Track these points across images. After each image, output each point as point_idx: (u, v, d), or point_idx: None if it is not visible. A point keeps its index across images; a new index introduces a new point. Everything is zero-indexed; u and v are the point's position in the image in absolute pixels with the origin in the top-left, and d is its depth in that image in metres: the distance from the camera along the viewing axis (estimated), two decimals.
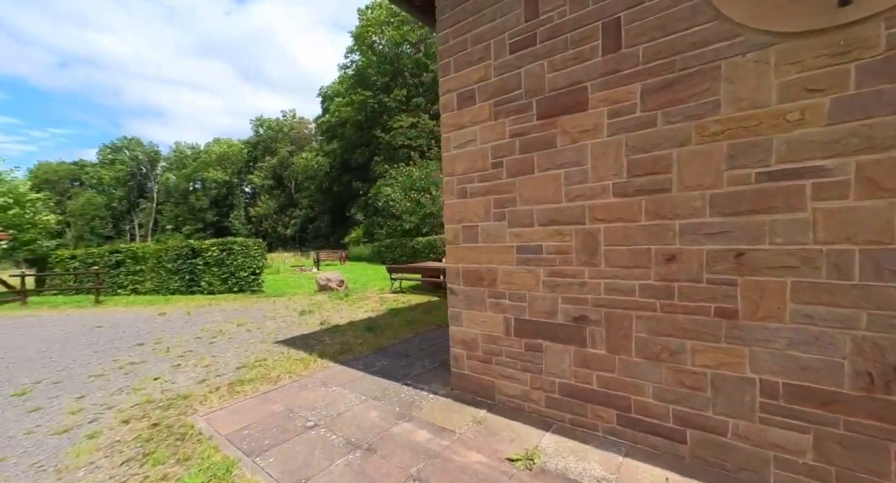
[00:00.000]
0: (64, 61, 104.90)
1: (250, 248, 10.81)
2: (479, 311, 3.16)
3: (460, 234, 3.26)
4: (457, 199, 3.27)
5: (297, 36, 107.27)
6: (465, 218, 3.21)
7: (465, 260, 3.24)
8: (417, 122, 28.08)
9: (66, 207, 56.21)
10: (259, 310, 8.26)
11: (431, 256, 19.51)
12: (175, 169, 60.65)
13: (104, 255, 11.92)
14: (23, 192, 12.88)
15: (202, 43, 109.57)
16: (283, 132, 55.49)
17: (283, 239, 52.57)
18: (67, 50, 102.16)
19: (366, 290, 10.42)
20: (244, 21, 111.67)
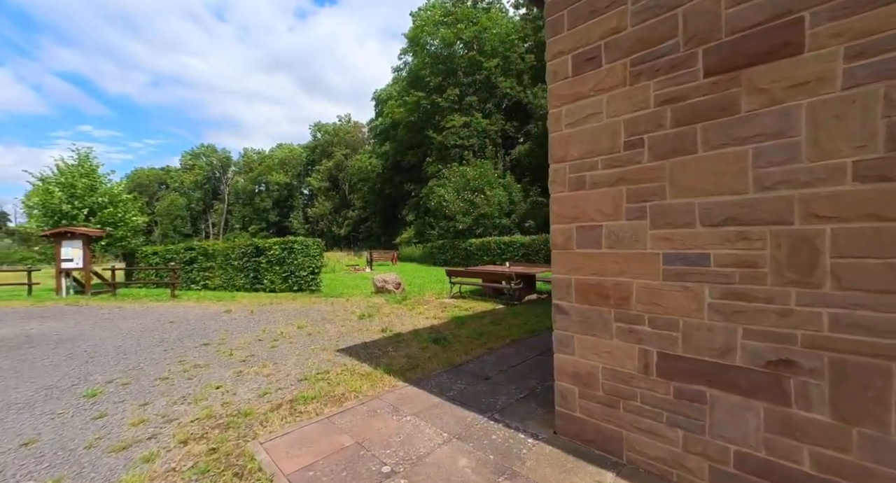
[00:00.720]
0: (157, 81, 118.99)
1: (310, 247, 10.82)
2: (601, 337, 2.41)
3: (573, 237, 2.54)
4: (569, 192, 2.55)
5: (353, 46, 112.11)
6: (582, 215, 2.48)
7: (580, 270, 2.51)
8: (470, 122, 27.50)
9: (154, 208, 63.08)
10: (318, 311, 8.07)
11: (485, 259, 18.78)
12: (243, 173, 65.56)
13: (180, 251, 12.63)
14: (116, 193, 14.09)
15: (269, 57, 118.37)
16: (338, 136, 57.71)
17: (336, 238, 54.61)
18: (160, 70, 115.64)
19: (423, 294, 9.96)
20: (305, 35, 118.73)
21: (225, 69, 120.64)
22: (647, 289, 2.19)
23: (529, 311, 7.28)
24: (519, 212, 20.84)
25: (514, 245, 17.67)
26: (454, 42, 28.68)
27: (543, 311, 7.15)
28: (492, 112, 28.31)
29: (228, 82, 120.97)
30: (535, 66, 28.40)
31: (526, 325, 6.18)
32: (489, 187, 20.76)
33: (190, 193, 63.06)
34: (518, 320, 6.48)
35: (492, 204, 20.27)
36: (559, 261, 2.64)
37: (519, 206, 20.90)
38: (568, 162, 2.55)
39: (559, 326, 2.65)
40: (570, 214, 2.54)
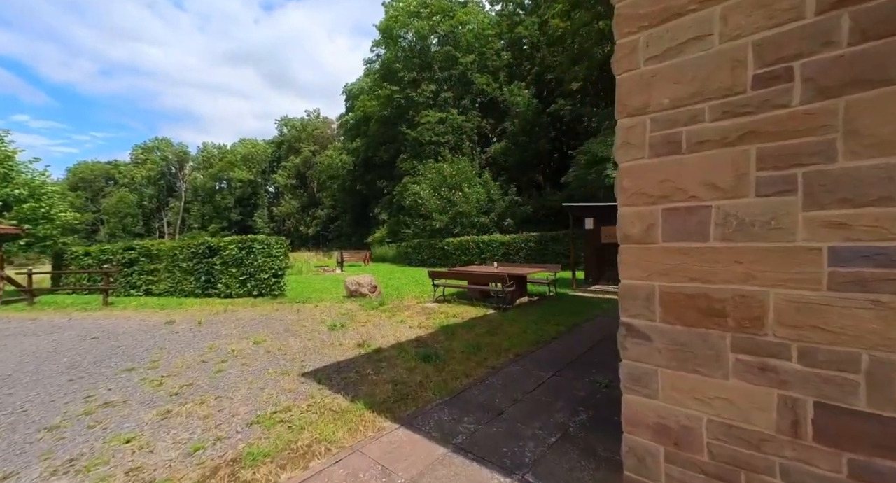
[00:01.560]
0: (107, 69, 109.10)
1: (272, 246, 9.57)
2: (708, 375, 1.60)
3: (658, 224, 1.71)
4: (651, 158, 1.72)
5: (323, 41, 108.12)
6: (676, 192, 1.66)
7: (670, 274, 1.68)
8: (446, 118, 26.65)
9: (100, 205, 57.87)
10: (281, 321, 6.92)
11: (464, 258, 18.00)
12: (202, 168, 61.52)
13: (118, 252, 10.94)
14: (38, 184, 12.12)
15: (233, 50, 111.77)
16: (306, 131, 55.27)
17: (304, 238, 52.25)
18: (111, 58, 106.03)
19: (402, 298, 8.99)
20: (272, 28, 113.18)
21: (184, 59, 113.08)
22: (799, 304, 1.40)
23: (524, 316, 6.50)
24: (497, 210, 20.23)
25: (493, 244, 17.01)
26: (429, 35, 27.76)
27: (540, 317, 6.39)
28: (468, 109, 27.60)
29: (188, 73, 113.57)
30: (510, 64, 28.03)
31: (525, 333, 5.38)
32: (467, 184, 20.01)
33: (142, 190, 58.37)
34: (515, 328, 5.67)
35: (470, 202, 19.53)
36: (632, 260, 1.81)
37: (497, 204, 20.28)
38: (650, 114, 1.72)
39: (632, 356, 1.82)
40: (654, 191, 1.72)
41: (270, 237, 9.77)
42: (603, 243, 9.36)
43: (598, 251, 9.43)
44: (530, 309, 7.20)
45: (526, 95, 24.62)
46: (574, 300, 7.94)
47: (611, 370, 3.80)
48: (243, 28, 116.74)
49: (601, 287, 9.18)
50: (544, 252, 15.31)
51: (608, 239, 9.25)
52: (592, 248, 9.54)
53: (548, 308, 7.19)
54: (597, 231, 9.43)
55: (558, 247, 14.87)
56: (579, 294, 8.78)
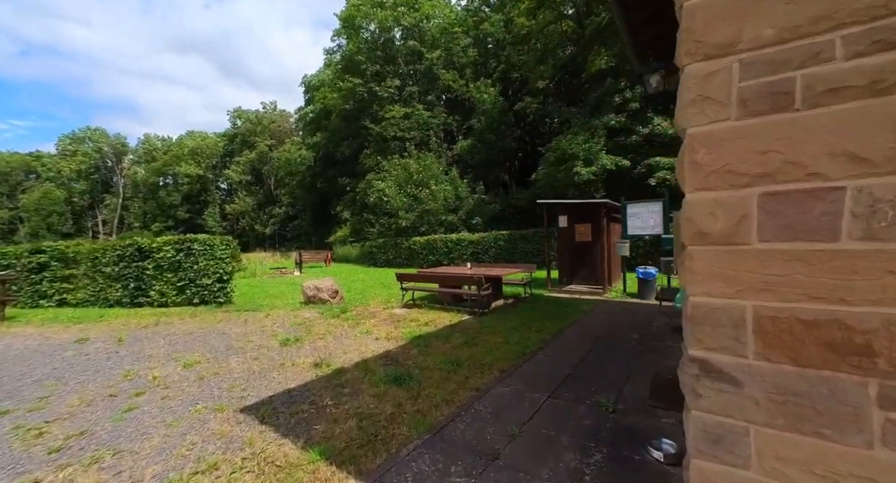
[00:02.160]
0: (27, 50, 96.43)
1: (215, 247, 8.41)
2: (840, 440, 1.07)
3: (753, 215, 1.16)
4: (742, 120, 1.17)
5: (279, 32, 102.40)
6: (782, 167, 1.12)
7: (774, 288, 1.14)
8: (411, 113, 25.86)
9: (19, 202, 51.33)
10: (223, 334, 5.94)
11: (431, 258, 17.37)
12: (144, 162, 56.39)
13: (22, 255, 9.25)
14: None
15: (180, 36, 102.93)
16: (262, 125, 52.15)
17: (261, 238, 49.35)
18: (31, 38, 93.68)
19: (367, 303, 8.20)
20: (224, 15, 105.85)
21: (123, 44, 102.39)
22: None
23: (503, 322, 5.98)
24: (465, 208, 19.76)
25: (462, 243, 16.52)
26: (392, 27, 26.82)
27: (520, 322, 5.89)
28: (433, 104, 26.95)
29: (128, 60, 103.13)
30: (476, 61, 27.71)
31: (507, 344, 4.84)
32: (434, 182, 19.37)
33: (71, 185, 52.49)
34: (496, 337, 5.12)
35: (437, 199, 18.91)
36: (709, 268, 1.26)
37: (465, 202, 19.81)
38: (741, 53, 1.17)
39: (710, 406, 1.27)
40: (747, 168, 1.17)
41: (214, 237, 8.59)
42: (577, 242, 9.08)
43: (572, 250, 9.15)
44: (508, 313, 6.69)
45: (492, 93, 24.35)
46: (551, 302, 7.54)
47: (612, 387, 3.32)
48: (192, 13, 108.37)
49: (575, 287, 8.90)
50: (513, 251, 15.02)
51: (582, 237, 8.99)
52: (566, 246, 9.25)
53: (526, 312, 6.72)
54: (570, 229, 9.14)
55: (528, 245, 14.62)
56: (555, 295, 8.43)
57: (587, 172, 12.53)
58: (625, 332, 5.18)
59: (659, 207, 7.67)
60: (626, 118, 13.01)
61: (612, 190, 13.74)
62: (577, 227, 9.02)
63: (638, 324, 5.63)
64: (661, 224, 7.67)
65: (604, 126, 13.01)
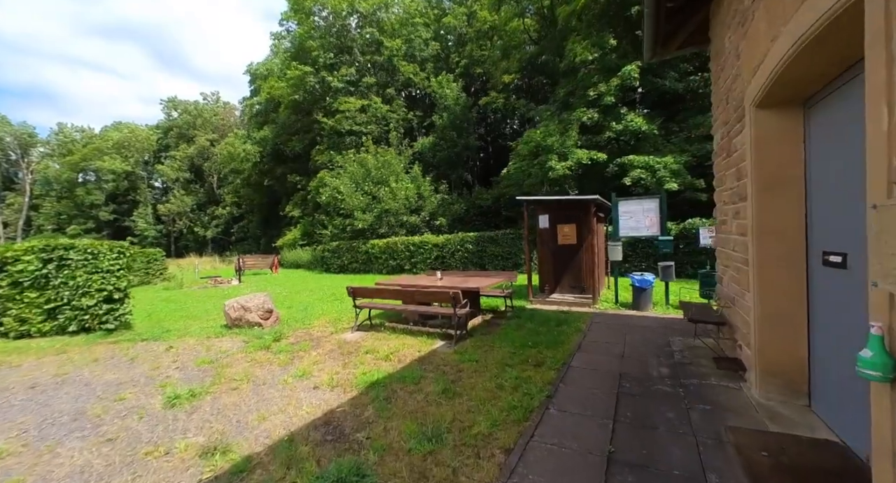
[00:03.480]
0: None
1: (101, 256, 6.29)
2: None
3: None
4: None
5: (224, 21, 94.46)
6: None
7: None
8: (368, 106, 24.02)
9: None
10: (86, 385, 4.05)
11: (391, 263, 15.70)
12: (58, 156, 49.22)
13: None
14: None
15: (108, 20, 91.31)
16: (203, 117, 47.44)
17: (201, 241, 44.75)
18: None
19: (311, 324, 6.49)
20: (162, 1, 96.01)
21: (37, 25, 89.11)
22: None
23: (488, 351, 4.60)
24: (428, 208, 18.29)
25: (425, 246, 15.05)
26: (347, 13, 24.82)
27: (511, 350, 4.55)
28: (393, 98, 25.27)
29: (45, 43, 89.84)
30: (438, 55, 26.46)
31: (501, 390, 3.46)
32: (394, 179, 17.74)
33: None
34: (484, 380, 3.72)
35: (398, 198, 17.30)
36: None
37: (428, 201, 18.34)
38: None
39: None
40: None
41: (101, 243, 6.45)
42: (560, 245, 7.95)
43: (555, 254, 8.01)
44: (491, 336, 5.32)
45: (454, 88, 23.17)
46: (537, 317, 6.30)
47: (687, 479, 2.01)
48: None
49: (560, 296, 7.75)
50: (482, 254, 13.79)
51: (566, 240, 7.88)
52: (548, 250, 8.10)
53: (513, 332, 5.39)
54: (552, 230, 8.00)
55: (498, 249, 13.45)
56: (539, 307, 7.21)
57: (562, 167, 11.57)
58: (647, 364, 4.00)
59: (655, 205, 6.70)
60: (599, 113, 12.26)
61: (584, 188, 12.95)
62: (560, 229, 7.90)
63: (655, 348, 4.49)
64: (657, 224, 6.71)
65: (577, 120, 12.17)
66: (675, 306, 6.52)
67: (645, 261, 10.28)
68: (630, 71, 11.27)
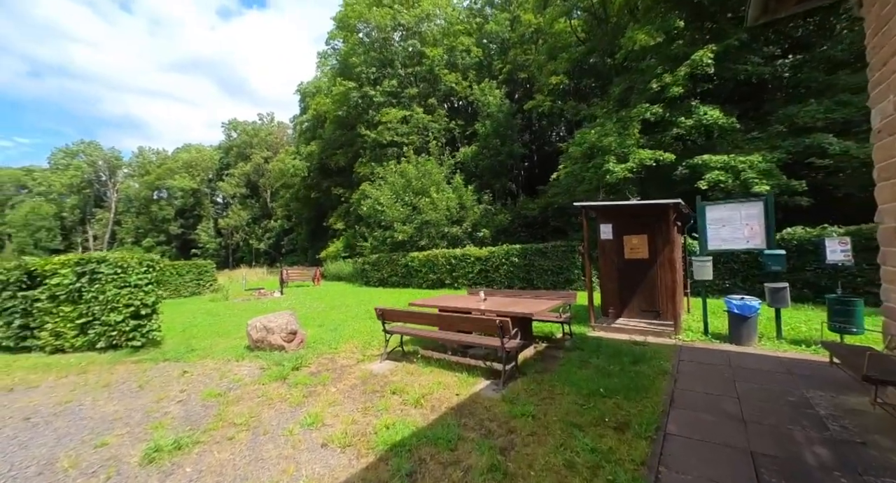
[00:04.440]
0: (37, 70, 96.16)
1: (130, 270, 6.05)
2: None
3: None
4: None
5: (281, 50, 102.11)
6: None
7: None
8: (410, 116, 23.87)
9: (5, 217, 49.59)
10: (79, 421, 3.54)
11: (431, 277, 14.90)
12: (137, 176, 54.82)
13: None
14: None
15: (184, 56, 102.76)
16: (258, 137, 50.62)
17: (256, 253, 47.17)
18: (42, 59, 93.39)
19: (339, 348, 5.78)
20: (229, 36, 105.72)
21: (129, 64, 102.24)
22: None
23: (547, 400, 3.53)
24: (471, 219, 17.42)
25: (467, 259, 14.11)
26: (390, 26, 25.07)
27: (578, 400, 3.44)
28: (434, 108, 24.97)
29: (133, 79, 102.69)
30: (481, 62, 25.89)
31: (574, 469, 2.41)
32: (435, 189, 17.11)
33: (61, 200, 50.83)
34: (544, 448, 2.68)
35: (438, 209, 16.61)
36: None
37: (471, 211, 17.47)
38: None
39: None
40: None
41: (131, 256, 6.24)
42: (627, 260, 6.68)
43: (621, 271, 6.73)
44: (549, 376, 4.24)
45: (497, 95, 22.37)
46: (604, 349, 5.10)
47: None
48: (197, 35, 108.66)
49: (629, 322, 6.44)
50: (529, 269, 12.58)
51: (635, 253, 6.60)
52: (612, 266, 6.84)
53: (576, 372, 4.27)
54: (617, 242, 6.75)
55: (546, 262, 12.19)
56: (603, 335, 5.98)
57: (621, 170, 10.18)
58: (788, 437, 2.74)
59: (758, 210, 5.28)
60: (664, 108, 10.77)
61: (647, 194, 11.40)
62: (627, 240, 6.63)
63: (790, 408, 3.18)
64: (761, 234, 5.28)
65: (637, 117, 10.76)
66: (791, 341, 5.02)
67: (730, 278, 8.56)
68: (702, 57, 9.74)
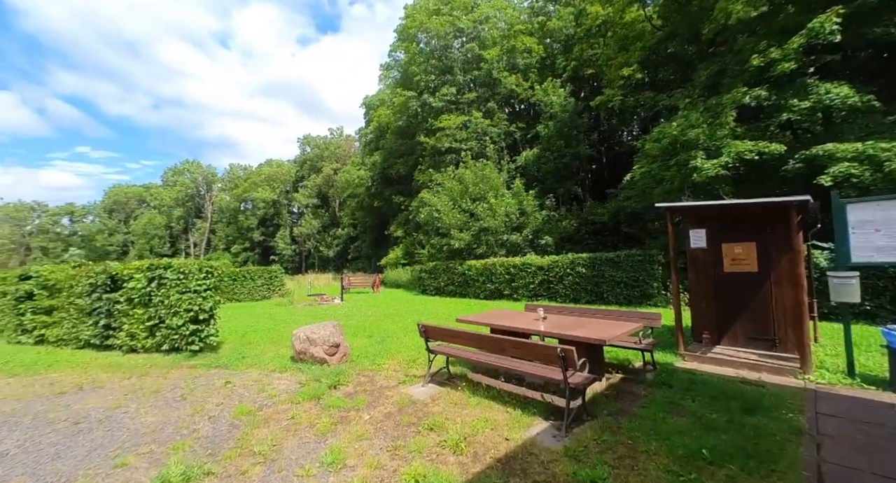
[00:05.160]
0: (158, 103, 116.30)
1: (190, 276, 6.26)
2: None
3: None
4: None
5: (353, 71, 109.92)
6: None
7: None
8: (468, 122, 23.50)
9: (130, 227, 58.82)
10: (118, 431, 3.46)
11: (489, 287, 14.11)
12: (228, 189, 61.70)
13: (11, 281, 8.06)
14: None
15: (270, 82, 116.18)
16: (329, 150, 54.16)
17: (325, 260, 50.10)
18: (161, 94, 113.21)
19: (380, 365, 5.34)
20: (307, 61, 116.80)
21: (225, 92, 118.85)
22: None
23: (626, 461, 2.67)
24: (532, 226, 16.38)
25: (527, 269, 13.13)
26: (449, 34, 25.08)
27: (670, 462, 2.52)
28: (493, 111, 24.34)
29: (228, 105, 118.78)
30: (543, 61, 24.74)
31: None
32: (493, 194, 16.40)
33: (170, 211, 58.94)
34: None
35: (497, 216, 15.86)
36: None
37: (532, 218, 16.45)
38: None
39: None
40: None
41: (191, 261, 6.49)
42: (728, 273, 5.39)
43: (719, 287, 5.45)
44: (628, 421, 3.33)
45: (561, 94, 21.04)
46: (700, 388, 3.99)
47: None
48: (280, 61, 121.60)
49: (730, 352, 5.14)
50: (598, 280, 11.27)
51: (738, 265, 5.29)
52: (706, 280, 5.57)
53: (666, 421, 3.30)
54: (714, 251, 5.49)
55: (619, 273, 10.81)
56: (695, 367, 4.80)
57: (712, 166, 8.58)
58: None
59: None
60: (769, 90, 8.95)
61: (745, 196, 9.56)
62: (727, 249, 5.36)
63: None
64: None
65: (732, 103, 9.07)
66: None
67: (873, 299, 6.64)
68: (823, 24, 7.88)
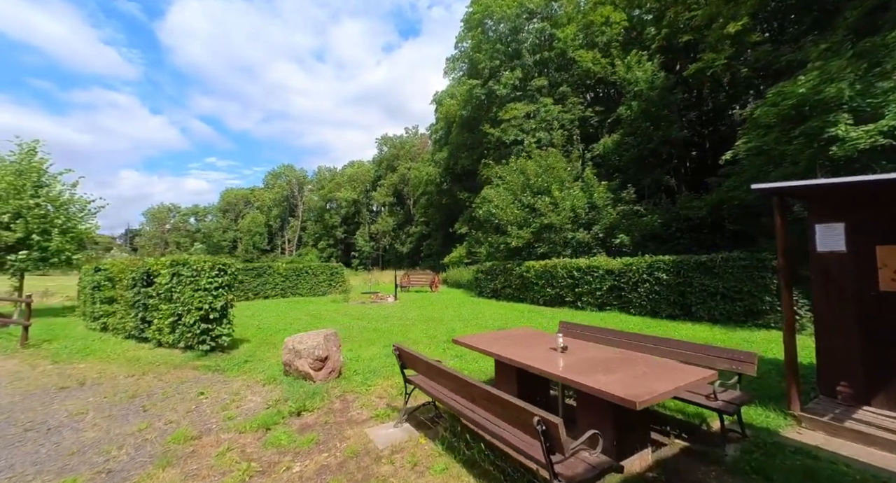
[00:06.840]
0: (268, 117, 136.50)
1: (202, 273, 6.09)
2: None
3: None
4: None
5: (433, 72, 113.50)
6: None
7: None
8: (537, 110, 21.56)
9: (238, 225, 67.77)
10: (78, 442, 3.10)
11: (549, 292, 12.37)
12: (316, 190, 67.40)
13: (87, 273, 9.02)
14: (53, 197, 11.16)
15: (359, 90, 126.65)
16: (404, 149, 55.67)
17: (400, 257, 51.63)
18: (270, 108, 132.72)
19: (370, 387, 4.44)
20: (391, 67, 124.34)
21: (321, 104, 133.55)
22: None
23: None
24: (604, 222, 14.15)
25: (594, 272, 11.17)
26: (518, 15, 23.26)
27: None
28: (566, 96, 21.97)
29: (324, 115, 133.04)
30: (626, 34, 21.53)
31: None
32: (558, 187, 14.53)
33: (269, 211, 66.36)
34: None
35: (561, 210, 13.99)
36: None
37: (604, 213, 14.21)
38: None
39: None
40: None
41: (206, 258, 6.35)
42: (884, 292, 3.35)
43: (869, 312, 3.42)
44: None
45: (649, 68, 17.87)
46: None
47: None
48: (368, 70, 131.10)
49: (883, 419, 3.15)
50: (685, 289, 8.97)
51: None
52: (848, 302, 3.57)
53: None
54: (859, 258, 3.47)
55: (714, 281, 8.43)
56: (820, 442, 2.97)
57: (864, 135, 5.95)
58: None
59: None
60: None
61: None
62: (884, 255, 3.33)
63: None
64: None
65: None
66: None
67: None
68: None
